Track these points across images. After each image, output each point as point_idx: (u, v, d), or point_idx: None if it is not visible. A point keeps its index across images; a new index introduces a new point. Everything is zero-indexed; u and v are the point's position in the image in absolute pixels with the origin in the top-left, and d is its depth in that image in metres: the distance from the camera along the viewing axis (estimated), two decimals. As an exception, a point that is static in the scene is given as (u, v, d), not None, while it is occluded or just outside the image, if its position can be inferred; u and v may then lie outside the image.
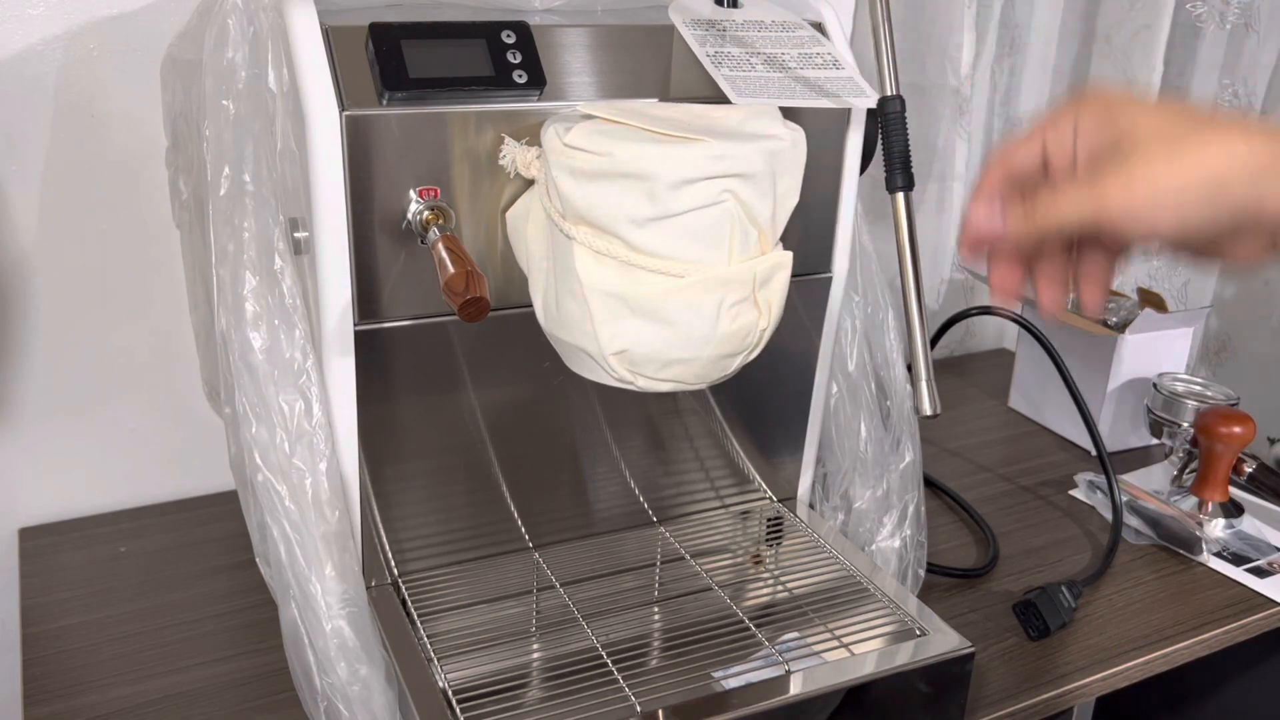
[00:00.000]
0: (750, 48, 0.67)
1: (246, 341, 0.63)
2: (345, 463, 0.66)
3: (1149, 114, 0.47)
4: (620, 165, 0.54)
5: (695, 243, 0.55)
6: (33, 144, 0.84)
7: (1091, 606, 0.87)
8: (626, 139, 0.55)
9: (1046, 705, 0.77)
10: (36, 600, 0.82)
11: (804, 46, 0.69)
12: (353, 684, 0.63)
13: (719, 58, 0.65)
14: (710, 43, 0.66)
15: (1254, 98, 1.33)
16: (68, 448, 0.92)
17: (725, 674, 0.66)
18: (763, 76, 0.65)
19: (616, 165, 0.55)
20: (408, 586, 0.72)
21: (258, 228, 0.63)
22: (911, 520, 0.83)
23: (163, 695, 0.73)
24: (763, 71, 0.65)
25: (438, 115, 0.60)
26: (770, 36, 0.69)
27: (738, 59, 0.66)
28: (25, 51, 0.81)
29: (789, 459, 0.84)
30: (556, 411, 0.74)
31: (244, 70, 0.63)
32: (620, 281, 0.56)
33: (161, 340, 0.92)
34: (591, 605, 0.73)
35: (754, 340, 0.59)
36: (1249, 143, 0.44)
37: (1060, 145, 0.50)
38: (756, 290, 0.58)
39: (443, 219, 0.61)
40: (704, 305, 0.56)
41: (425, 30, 0.61)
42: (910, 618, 0.71)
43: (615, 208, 0.55)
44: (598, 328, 0.57)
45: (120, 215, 0.88)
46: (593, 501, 0.79)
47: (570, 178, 0.56)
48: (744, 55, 0.66)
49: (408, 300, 0.64)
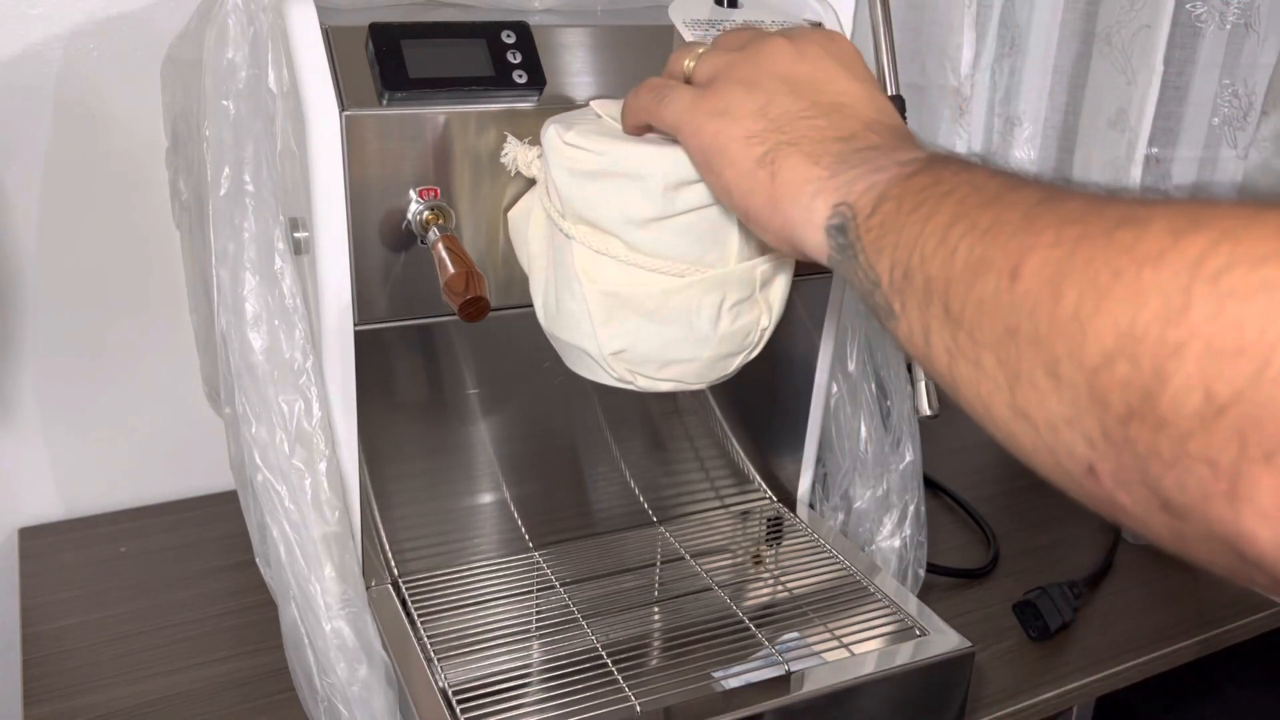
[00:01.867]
0: (750, 48, 0.67)
1: (246, 341, 0.63)
2: (345, 463, 0.66)
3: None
4: (619, 165, 0.54)
5: (695, 243, 0.55)
6: (33, 144, 0.84)
7: (1091, 606, 0.87)
8: (626, 139, 0.55)
9: (1046, 705, 0.77)
10: (36, 600, 0.82)
11: (804, 46, 0.69)
12: (352, 684, 0.63)
13: (719, 58, 0.65)
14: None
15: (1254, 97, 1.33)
16: (68, 448, 0.92)
17: (725, 674, 0.66)
18: (763, 76, 0.65)
19: (615, 165, 0.54)
20: (407, 587, 0.72)
21: (258, 228, 0.63)
22: (911, 520, 0.83)
23: (163, 695, 0.73)
24: (763, 71, 0.65)
25: (438, 115, 0.60)
26: (770, 36, 0.69)
27: (738, 59, 0.66)
28: (25, 51, 0.81)
29: (789, 459, 0.84)
30: (556, 411, 0.74)
31: (244, 70, 0.63)
32: (619, 281, 0.56)
33: (161, 340, 0.92)
34: (591, 605, 0.73)
35: (754, 340, 0.59)
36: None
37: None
38: (759, 290, 0.57)
39: (443, 219, 0.61)
40: (704, 305, 0.56)
41: (425, 30, 0.61)
42: (910, 618, 0.71)
43: (614, 208, 0.55)
44: (596, 328, 0.57)
45: (120, 215, 0.88)
46: (593, 501, 0.79)
47: (569, 177, 0.56)
48: (744, 55, 0.66)
49: (408, 300, 0.64)
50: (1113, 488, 0.28)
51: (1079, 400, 0.27)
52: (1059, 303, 0.28)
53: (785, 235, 0.45)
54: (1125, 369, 0.26)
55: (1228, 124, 1.36)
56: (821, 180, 0.43)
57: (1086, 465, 0.28)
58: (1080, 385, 0.27)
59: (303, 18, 0.59)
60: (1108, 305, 0.27)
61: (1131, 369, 0.26)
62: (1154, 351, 0.25)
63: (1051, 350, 0.28)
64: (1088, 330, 0.27)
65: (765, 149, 0.45)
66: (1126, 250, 0.27)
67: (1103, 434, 0.27)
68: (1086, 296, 0.27)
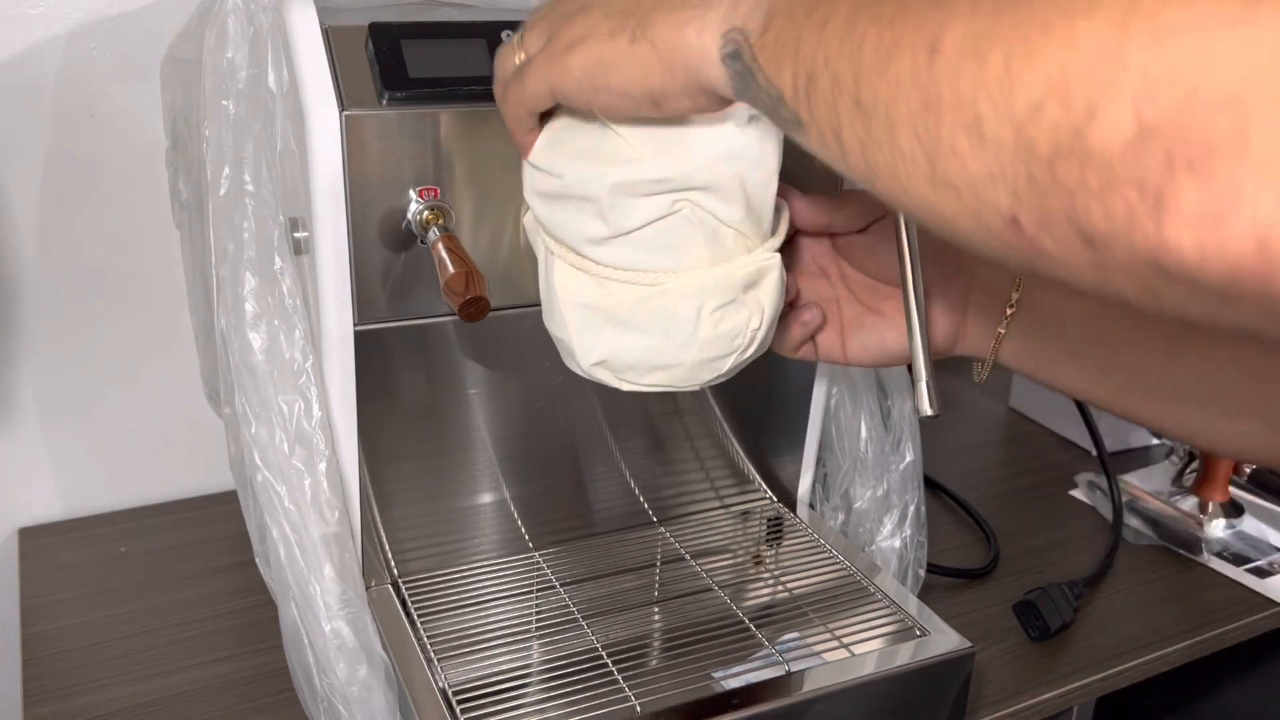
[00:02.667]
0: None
1: (246, 341, 0.63)
2: (345, 463, 0.66)
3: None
4: (571, 188, 0.54)
5: (658, 252, 0.54)
6: (33, 144, 0.84)
7: (1091, 606, 0.87)
8: (576, 157, 0.54)
9: (1046, 705, 0.77)
10: (36, 600, 0.82)
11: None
12: (352, 684, 0.63)
13: (719, 58, 0.65)
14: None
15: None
16: (68, 447, 0.92)
17: (725, 674, 0.66)
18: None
19: (568, 187, 0.54)
20: (407, 587, 0.72)
21: (258, 228, 0.63)
22: (912, 520, 0.83)
23: (163, 695, 0.73)
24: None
25: (437, 115, 0.60)
26: (770, 36, 0.68)
27: (738, 59, 0.66)
28: (25, 51, 0.81)
29: (789, 459, 0.84)
30: (556, 411, 0.74)
31: (244, 70, 0.63)
32: (594, 293, 0.56)
33: (161, 340, 0.92)
34: (592, 605, 0.73)
35: (744, 342, 0.58)
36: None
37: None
38: (744, 292, 0.57)
39: (443, 219, 0.61)
40: (680, 312, 0.55)
41: (425, 30, 0.61)
42: (910, 618, 0.71)
43: (574, 228, 0.55)
44: (574, 340, 0.57)
45: (120, 215, 0.88)
46: (593, 501, 0.79)
47: (537, 198, 0.56)
48: (744, 55, 0.66)
49: (408, 300, 0.64)
50: (1035, 233, 0.29)
51: (1002, 154, 0.29)
52: (984, 66, 0.29)
53: (696, 87, 0.45)
54: (1055, 112, 0.27)
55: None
56: (700, 17, 0.43)
57: (1010, 218, 0.30)
58: (1005, 139, 0.29)
59: (303, 18, 0.59)
60: (1038, 58, 0.28)
61: (1061, 111, 0.27)
62: (1086, 89, 0.27)
63: (974, 111, 0.30)
64: (1015, 84, 0.28)
65: (630, 30, 0.45)
66: (1054, 5, 0.28)
67: (1029, 180, 0.29)
68: (1015, 54, 0.29)
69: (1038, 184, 0.28)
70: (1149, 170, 0.26)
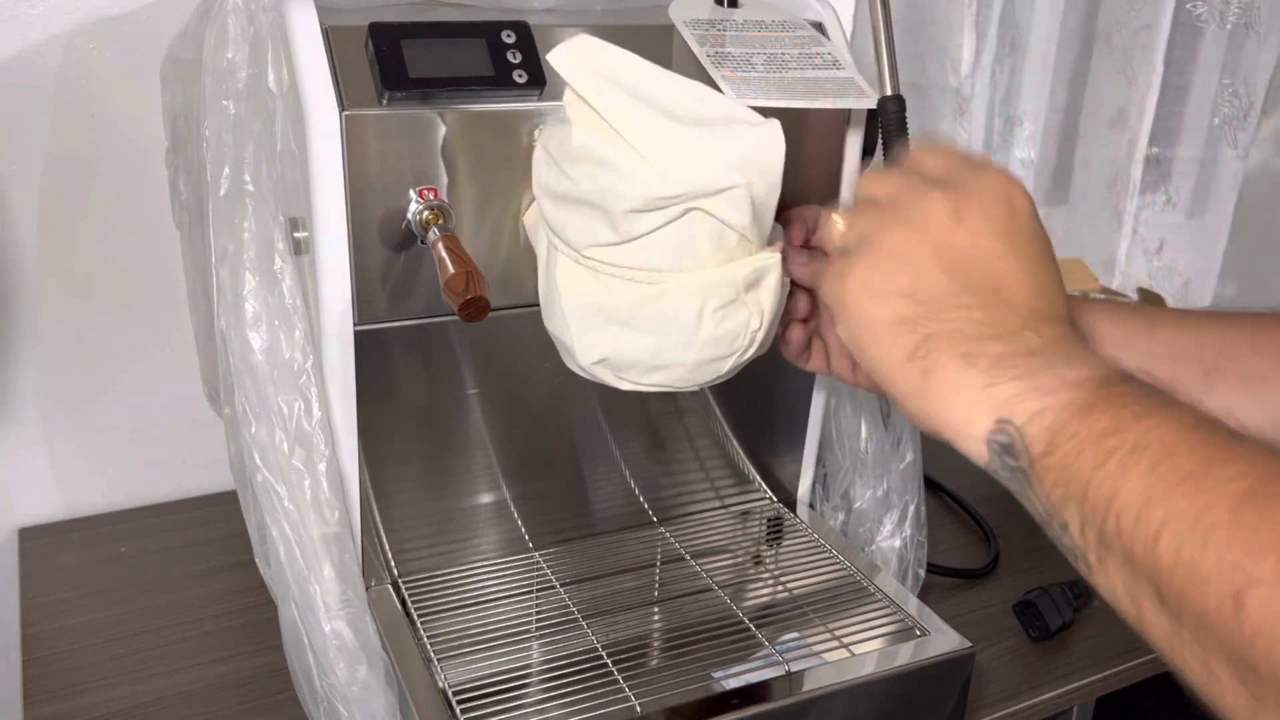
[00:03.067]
0: (750, 47, 0.67)
1: (246, 342, 0.63)
2: (345, 463, 0.66)
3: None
4: (586, 195, 0.54)
5: (666, 254, 0.55)
6: (33, 144, 0.84)
7: (1091, 606, 0.87)
8: (594, 164, 0.55)
9: (1047, 705, 0.77)
10: (36, 600, 0.82)
11: (804, 46, 0.69)
12: (352, 685, 0.63)
13: (719, 58, 0.65)
14: (710, 43, 0.66)
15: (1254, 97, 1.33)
16: (67, 447, 0.92)
17: (725, 674, 0.66)
18: (762, 76, 0.65)
19: (584, 195, 0.55)
20: (407, 587, 0.72)
21: (258, 228, 0.63)
22: (912, 520, 0.83)
23: (163, 695, 0.73)
24: (762, 71, 0.65)
25: (437, 115, 0.60)
26: (770, 36, 0.69)
27: (737, 59, 0.66)
28: (25, 51, 0.81)
29: (789, 459, 0.84)
30: (556, 411, 0.74)
31: (244, 70, 0.63)
32: (595, 291, 0.56)
33: (161, 340, 0.92)
34: (591, 605, 0.73)
35: (744, 342, 0.58)
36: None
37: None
38: (745, 293, 0.57)
39: (443, 219, 0.61)
40: (682, 312, 0.56)
41: (425, 30, 0.61)
42: (910, 618, 0.71)
43: (582, 232, 0.55)
44: (574, 338, 0.57)
45: (120, 215, 0.88)
46: (593, 501, 0.79)
47: (548, 197, 0.57)
48: (744, 55, 0.66)
49: (408, 300, 0.64)
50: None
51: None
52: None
53: (936, 431, 0.44)
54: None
55: (1228, 124, 1.36)
56: (979, 388, 0.41)
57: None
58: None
59: (303, 18, 0.59)
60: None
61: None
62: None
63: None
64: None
65: (916, 341, 0.43)
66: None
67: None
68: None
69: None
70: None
